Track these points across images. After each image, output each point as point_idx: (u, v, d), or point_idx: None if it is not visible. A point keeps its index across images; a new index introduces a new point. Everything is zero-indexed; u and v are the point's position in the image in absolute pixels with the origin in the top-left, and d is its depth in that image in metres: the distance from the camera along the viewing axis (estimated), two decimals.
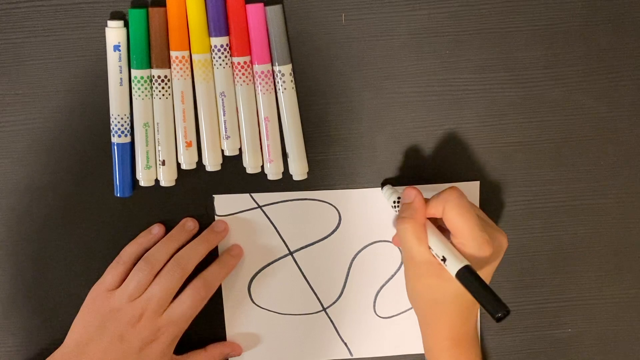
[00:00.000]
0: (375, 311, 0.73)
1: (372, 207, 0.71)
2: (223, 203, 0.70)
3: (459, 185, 0.70)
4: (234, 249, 0.70)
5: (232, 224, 0.70)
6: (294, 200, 0.71)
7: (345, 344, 0.73)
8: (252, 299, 0.72)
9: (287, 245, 0.72)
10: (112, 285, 0.68)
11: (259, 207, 0.70)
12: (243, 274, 0.72)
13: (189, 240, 0.69)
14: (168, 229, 0.70)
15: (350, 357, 0.74)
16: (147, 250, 0.69)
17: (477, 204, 0.71)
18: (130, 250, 0.69)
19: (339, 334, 0.73)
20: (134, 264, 0.68)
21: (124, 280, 0.68)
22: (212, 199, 0.70)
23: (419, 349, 0.73)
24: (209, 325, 0.72)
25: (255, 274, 0.72)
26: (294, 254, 0.72)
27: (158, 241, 0.69)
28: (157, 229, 0.69)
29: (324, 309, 0.73)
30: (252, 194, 0.70)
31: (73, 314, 0.70)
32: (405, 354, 0.74)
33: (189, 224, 0.69)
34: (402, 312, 0.73)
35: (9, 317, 0.71)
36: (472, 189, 0.71)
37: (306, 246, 0.72)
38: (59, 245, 0.70)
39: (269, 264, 0.72)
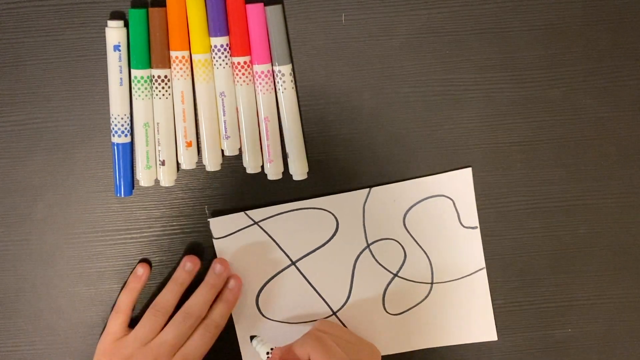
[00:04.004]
0: (385, 309, 0.73)
1: (367, 208, 0.71)
2: (219, 225, 0.70)
3: (449, 174, 0.70)
4: (231, 282, 0.70)
5: (232, 243, 0.70)
6: (289, 211, 0.70)
7: None
8: (262, 313, 0.72)
9: (288, 256, 0.71)
10: (118, 334, 0.68)
11: (255, 223, 0.70)
12: (250, 290, 0.71)
13: (193, 279, 0.70)
14: (168, 230, 0.70)
15: None
16: (139, 293, 0.70)
17: (472, 191, 0.71)
18: (126, 300, 0.70)
19: None
20: (132, 311, 0.70)
21: (127, 327, 0.69)
22: (208, 223, 0.70)
23: (433, 342, 0.73)
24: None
25: (262, 288, 0.72)
26: (296, 264, 0.72)
27: (147, 280, 0.70)
28: (141, 270, 0.70)
29: (334, 313, 0.73)
30: (246, 212, 0.70)
31: (73, 315, 0.71)
32: (420, 348, 0.73)
33: (187, 266, 0.70)
34: (413, 307, 0.73)
35: (9, 318, 0.71)
36: (465, 176, 0.71)
37: (308, 254, 0.72)
38: (59, 245, 0.70)
39: (273, 277, 0.72)
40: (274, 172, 0.69)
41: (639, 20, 0.70)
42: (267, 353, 0.68)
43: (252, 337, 0.70)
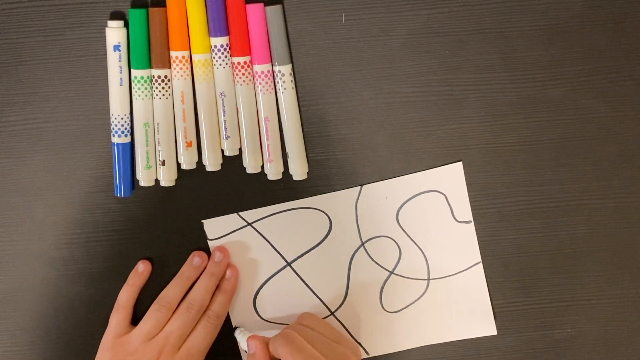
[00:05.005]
0: (383, 307, 0.73)
1: (359, 206, 0.71)
2: (213, 227, 0.70)
3: (440, 169, 0.70)
4: (227, 272, 0.71)
5: (226, 245, 0.71)
6: (282, 212, 0.71)
7: (360, 344, 0.73)
8: (259, 316, 0.72)
9: (283, 257, 0.72)
10: (120, 331, 0.68)
11: (249, 224, 0.71)
12: (246, 293, 0.72)
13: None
14: (168, 229, 0.70)
15: (366, 356, 0.73)
16: (139, 289, 0.70)
17: (464, 185, 0.71)
18: (126, 296, 0.70)
19: (351, 336, 0.73)
20: (133, 307, 0.70)
21: (129, 324, 0.69)
22: (202, 224, 0.70)
23: (432, 339, 0.73)
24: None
25: (258, 290, 0.72)
26: (292, 264, 0.72)
27: (148, 277, 0.70)
28: (142, 267, 0.70)
29: (332, 313, 0.73)
30: (239, 213, 0.70)
31: (73, 315, 0.71)
32: (419, 345, 0.74)
33: (196, 260, 0.70)
34: (410, 304, 0.73)
35: (9, 318, 0.71)
36: (456, 171, 0.71)
37: (302, 255, 0.72)
38: (59, 245, 0.70)
39: (269, 278, 0.72)
40: (274, 172, 0.69)
41: (639, 20, 0.70)
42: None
43: (235, 328, 0.71)
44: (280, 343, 0.63)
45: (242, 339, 0.70)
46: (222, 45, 0.67)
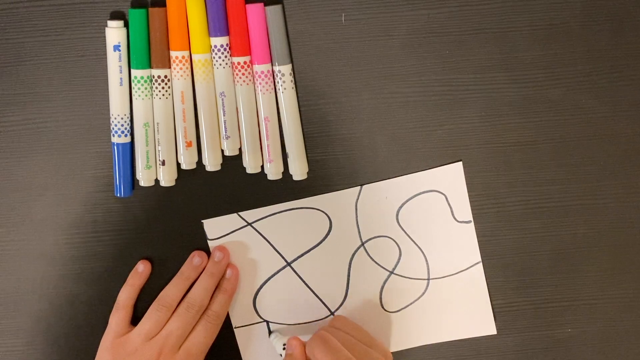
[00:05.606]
0: (383, 306, 0.73)
1: (359, 205, 0.71)
2: (213, 226, 0.70)
3: (440, 169, 0.70)
4: (228, 271, 0.71)
5: (226, 245, 0.71)
6: (281, 212, 0.71)
7: None
8: (259, 316, 0.72)
9: (283, 257, 0.72)
10: (120, 331, 0.68)
11: (249, 224, 0.71)
12: (246, 293, 0.72)
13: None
14: (168, 229, 0.70)
15: None
16: (139, 289, 0.70)
17: (464, 185, 0.71)
18: (126, 296, 0.70)
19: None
20: (133, 306, 0.70)
21: (129, 324, 0.69)
22: (202, 224, 0.70)
23: (432, 338, 0.73)
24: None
25: (258, 290, 0.72)
26: (292, 264, 0.72)
27: (147, 277, 0.70)
28: (142, 267, 0.70)
29: (332, 313, 0.73)
30: (239, 213, 0.70)
31: (73, 315, 0.71)
32: (419, 345, 0.74)
33: (196, 260, 0.70)
34: (411, 304, 0.73)
35: (9, 318, 0.71)
36: (456, 170, 0.71)
37: (302, 255, 0.72)
38: (59, 245, 0.70)
39: (269, 278, 0.72)
40: (274, 172, 0.69)
41: (639, 20, 0.70)
42: (283, 346, 0.69)
43: (270, 333, 0.72)
44: (316, 345, 0.64)
45: (277, 343, 0.70)
46: (222, 45, 0.67)
